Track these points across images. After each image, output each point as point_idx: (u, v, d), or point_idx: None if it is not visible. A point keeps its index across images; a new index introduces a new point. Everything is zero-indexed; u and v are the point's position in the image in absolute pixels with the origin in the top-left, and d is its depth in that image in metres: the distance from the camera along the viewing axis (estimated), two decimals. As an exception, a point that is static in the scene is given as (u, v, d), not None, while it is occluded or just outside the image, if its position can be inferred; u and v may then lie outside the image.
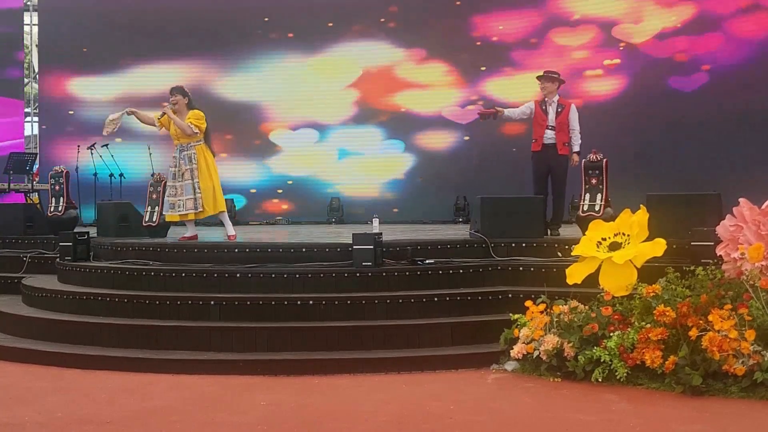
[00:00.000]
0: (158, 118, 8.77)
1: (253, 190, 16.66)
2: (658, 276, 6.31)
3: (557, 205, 9.09)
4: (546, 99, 9.03)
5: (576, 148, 8.90)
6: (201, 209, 8.64)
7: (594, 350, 5.85)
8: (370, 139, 16.49)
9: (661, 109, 14.02)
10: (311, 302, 6.96)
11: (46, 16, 17.11)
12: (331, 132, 16.65)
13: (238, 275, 7.34)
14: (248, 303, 7.02)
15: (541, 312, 6.33)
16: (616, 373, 5.72)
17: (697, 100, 13.75)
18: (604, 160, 8.52)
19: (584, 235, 7.07)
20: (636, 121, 14.25)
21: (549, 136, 8.94)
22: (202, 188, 8.60)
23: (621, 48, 14.75)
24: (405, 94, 16.38)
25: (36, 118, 17.60)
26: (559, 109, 8.93)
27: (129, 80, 16.66)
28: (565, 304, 6.38)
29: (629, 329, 5.87)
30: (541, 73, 9.30)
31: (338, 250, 7.63)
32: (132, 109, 8.95)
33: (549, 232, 8.67)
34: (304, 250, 7.72)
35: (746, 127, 12.98)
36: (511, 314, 6.47)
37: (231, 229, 8.80)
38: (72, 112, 16.72)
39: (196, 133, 8.62)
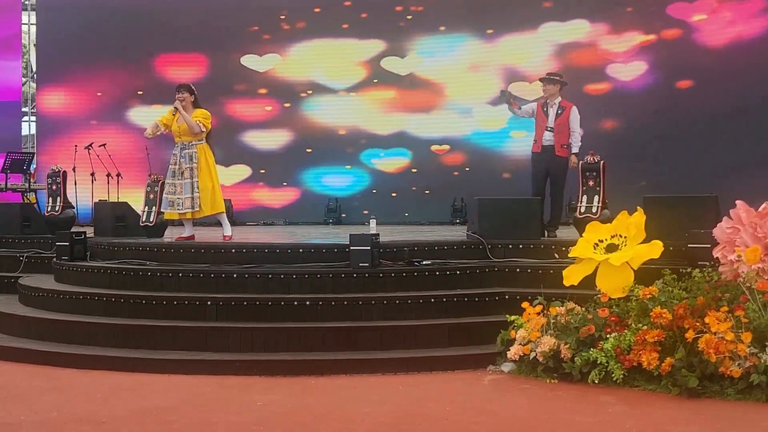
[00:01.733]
0: (171, 113, 8.63)
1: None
2: (654, 278, 6.32)
3: (555, 206, 9.11)
4: (548, 101, 9.04)
5: (575, 150, 8.91)
6: (198, 209, 8.62)
7: (590, 352, 5.86)
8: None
9: (658, 111, 14.06)
10: (308, 303, 6.96)
11: (44, 15, 17.08)
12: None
13: (235, 275, 7.34)
14: (245, 303, 7.02)
15: (538, 313, 6.34)
16: (613, 375, 5.72)
17: (695, 101, 13.78)
18: (602, 162, 8.53)
19: (581, 236, 7.08)
20: (634, 122, 14.30)
21: (548, 137, 8.95)
22: (200, 188, 8.57)
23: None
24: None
25: (33, 118, 17.57)
26: (560, 111, 8.94)
27: (127, 79, 16.64)
28: (562, 306, 6.39)
29: (626, 331, 5.87)
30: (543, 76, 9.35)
31: (335, 250, 7.63)
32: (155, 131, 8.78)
33: (546, 234, 8.68)
34: (301, 250, 7.72)
35: (744, 129, 12.99)
36: (507, 315, 6.47)
37: (228, 230, 8.79)
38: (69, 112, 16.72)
39: (203, 131, 8.60)
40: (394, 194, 16.12)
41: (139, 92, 16.65)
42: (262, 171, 16.60)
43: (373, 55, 16.49)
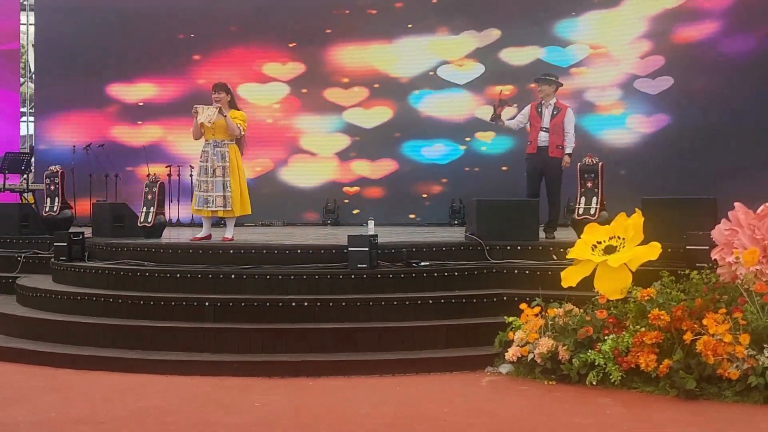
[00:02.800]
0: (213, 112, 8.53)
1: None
2: (653, 279, 6.32)
3: (552, 208, 9.10)
4: (543, 101, 9.05)
5: (568, 150, 8.92)
6: (230, 208, 8.60)
7: (588, 353, 5.86)
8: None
9: (656, 113, 14.07)
10: (306, 304, 6.96)
11: (43, 15, 17.06)
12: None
13: (232, 276, 7.34)
14: (243, 304, 7.02)
15: (536, 315, 6.34)
16: (611, 377, 5.72)
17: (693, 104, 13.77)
18: (600, 163, 8.54)
19: (579, 238, 7.08)
20: (632, 124, 14.30)
21: (542, 138, 8.97)
22: (232, 188, 8.58)
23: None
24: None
25: (32, 118, 17.56)
26: (555, 112, 8.96)
27: (122, 79, 16.61)
28: (560, 307, 6.39)
29: (624, 333, 5.88)
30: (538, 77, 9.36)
31: (333, 251, 7.63)
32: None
33: (545, 235, 8.69)
34: (299, 251, 7.72)
35: (742, 131, 12.98)
36: (505, 317, 6.48)
37: (230, 233, 8.74)
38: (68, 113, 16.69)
39: (242, 134, 8.61)
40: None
41: (131, 90, 16.60)
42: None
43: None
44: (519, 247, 7.85)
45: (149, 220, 9.55)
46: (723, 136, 12.97)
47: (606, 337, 5.90)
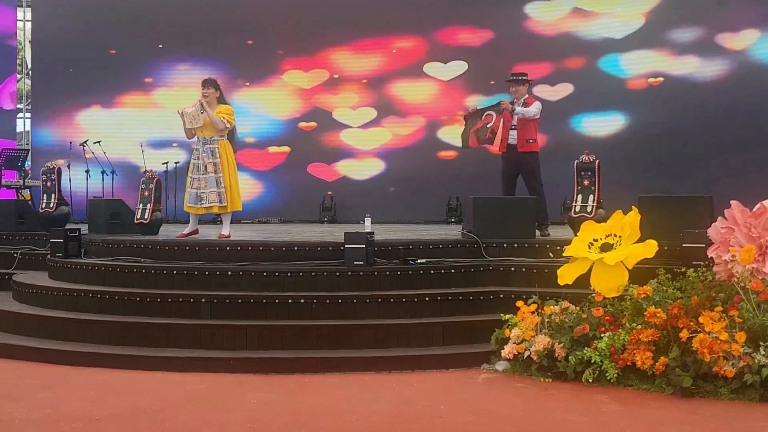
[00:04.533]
0: (197, 109, 8.57)
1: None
2: (649, 277, 6.33)
3: (538, 204, 8.97)
4: (515, 101, 9.05)
5: (515, 109, 8.91)
6: (225, 203, 8.62)
7: (585, 351, 5.86)
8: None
9: (653, 113, 14.06)
10: (302, 301, 6.96)
11: (40, 12, 17.02)
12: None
13: (229, 273, 7.33)
14: (239, 301, 7.01)
15: (533, 312, 6.34)
16: (607, 374, 5.73)
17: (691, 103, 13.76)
18: (597, 161, 8.53)
19: (576, 236, 7.09)
20: (630, 124, 14.28)
21: (512, 135, 9.00)
22: (225, 183, 8.59)
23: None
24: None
25: (29, 114, 17.52)
26: (524, 107, 8.97)
27: (121, 77, 16.55)
28: (557, 305, 6.40)
29: (620, 330, 5.88)
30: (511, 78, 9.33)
31: (330, 249, 7.63)
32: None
33: (539, 233, 8.67)
34: (296, 248, 7.72)
35: (739, 130, 12.99)
36: (502, 314, 6.48)
37: (227, 230, 8.74)
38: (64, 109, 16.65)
39: (227, 128, 8.61)
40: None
41: (126, 94, 16.53)
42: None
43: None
44: (515, 245, 7.85)
45: (146, 217, 9.54)
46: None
47: (602, 335, 5.91)
